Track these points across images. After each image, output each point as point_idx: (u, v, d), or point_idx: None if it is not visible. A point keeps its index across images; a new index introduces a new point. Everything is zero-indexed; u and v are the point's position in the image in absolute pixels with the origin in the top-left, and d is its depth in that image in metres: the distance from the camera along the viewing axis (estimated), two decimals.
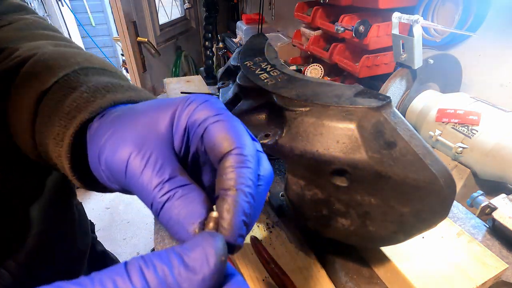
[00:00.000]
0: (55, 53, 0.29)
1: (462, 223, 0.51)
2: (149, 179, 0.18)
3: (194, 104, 0.20)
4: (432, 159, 0.30)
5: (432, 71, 0.66)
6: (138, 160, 0.18)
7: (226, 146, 0.19)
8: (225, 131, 0.19)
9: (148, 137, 0.19)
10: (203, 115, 0.20)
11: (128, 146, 0.19)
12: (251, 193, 0.18)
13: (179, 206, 0.17)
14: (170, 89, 0.94)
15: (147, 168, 0.18)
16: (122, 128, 0.20)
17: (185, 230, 0.17)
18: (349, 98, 0.34)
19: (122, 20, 1.70)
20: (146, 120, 0.20)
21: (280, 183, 0.50)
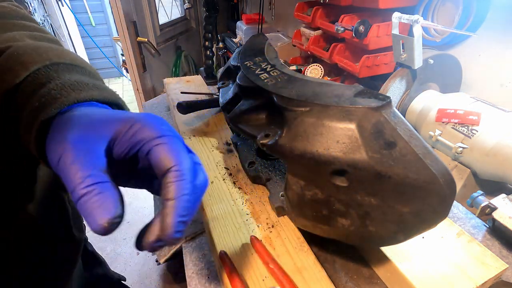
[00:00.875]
0: (29, 47, 0.31)
1: (462, 223, 0.51)
2: (74, 173, 0.22)
3: (138, 124, 0.25)
4: (432, 159, 0.30)
5: (432, 71, 0.66)
6: (69, 156, 0.22)
7: (166, 164, 0.24)
8: (165, 152, 0.24)
9: (87, 140, 0.24)
10: (147, 136, 0.25)
11: (66, 143, 0.23)
12: (187, 200, 0.24)
13: (94, 201, 0.21)
14: (170, 89, 0.94)
15: (75, 163, 0.22)
16: (70, 128, 0.24)
17: (96, 223, 0.21)
18: (349, 98, 0.34)
19: (122, 20, 1.70)
20: (91, 128, 0.25)
21: (280, 183, 0.50)
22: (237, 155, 0.61)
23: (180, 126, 0.74)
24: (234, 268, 0.38)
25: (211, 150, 0.64)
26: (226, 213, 0.48)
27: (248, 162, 0.56)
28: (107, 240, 1.87)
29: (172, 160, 0.24)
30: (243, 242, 0.43)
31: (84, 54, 3.90)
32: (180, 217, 0.23)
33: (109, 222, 0.21)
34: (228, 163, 0.60)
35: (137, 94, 2.02)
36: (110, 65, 4.20)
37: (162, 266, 1.64)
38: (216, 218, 0.47)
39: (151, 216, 1.32)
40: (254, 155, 0.57)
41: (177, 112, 0.75)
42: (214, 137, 0.68)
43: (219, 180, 0.55)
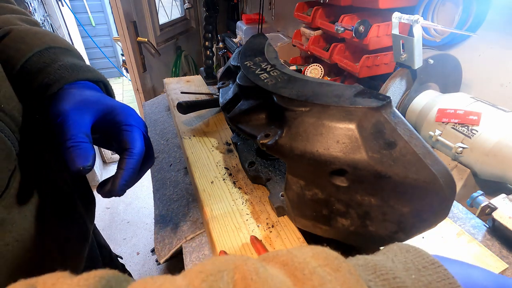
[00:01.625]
0: (29, 31, 0.41)
1: (462, 223, 0.51)
2: (67, 131, 0.33)
3: (117, 111, 0.38)
4: (432, 159, 0.30)
5: (432, 71, 0.66)
6: (67, 119, 0.33)
7: (125, 145, 0.36)
8: (127, 137, 0.36)
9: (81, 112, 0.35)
10: (120, 121, 0.37)
11: (67, 110, 0.34)
12: (131, 171, 0.35)
13: (76, 152, 0.32)
14: (170, 89, 0.94)
15: (70, 125, 0.33)
16: (71, 100, 0.36)
17: (75, 166, 0.31)
18: (349, 98, 0.34)
19: (122, 20, 1.70)
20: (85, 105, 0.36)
21: (280, 183, 0.50)
22: (237, 155, 0.61)
23: (180, 126, 0.74)
24: None
25: (211, 150, 0.64)
26: (226, 213, 0.48)
27: (248, 162, 0.56)
28: (107, 240, 1.87)
29: (130, 143, 0.36)
30: (243, 242, 0.43)
31: (84, 54, 3.90)
32: (124, 181, 0.35)
33: (83, 168, 0.31)
34: (228, 163, 0.60)
35: (137, 94, 2.02)
36: (110, 65, 4.20)
37: (162, 266, 1.64)
38: (216, 218, 0.47)
39: (151, 216, 1.32)
40: (254, 155, 0.57)
41: (177, 112, 0.75)
42: (214, 137, 0.68)
43: (219, 180, 0.55)
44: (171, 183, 0.65)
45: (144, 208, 2.08)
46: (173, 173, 0.68)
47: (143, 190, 2.25)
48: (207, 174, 0.57)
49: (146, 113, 0.99)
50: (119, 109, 0.38)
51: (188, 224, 0.54)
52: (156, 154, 0.76)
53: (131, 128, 0.37)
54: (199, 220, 0.54)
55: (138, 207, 2.10)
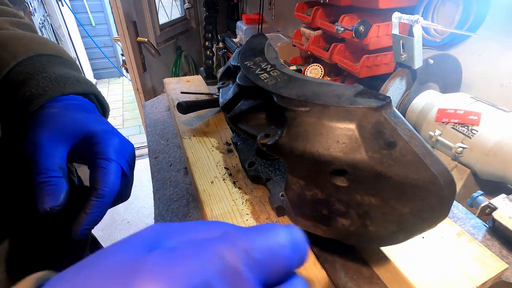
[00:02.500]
0: (15, 36, 0.36)
1: (462, 223, 0.51)
2: (40, 164, 0.29)
3: (96, 139, 0.33)
4: (432, 159, 0.30)
5: (432, 71, 0.66)
6: (39, 150, 0.30)
7: (96, 184, 0.31)
8: (100, 175, 0.32)
9: (56, 141, 0.31)
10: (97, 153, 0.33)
11: (40, 141, 0.30)
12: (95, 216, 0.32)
13: (46, 190, 0.28)
14: (170, 89, 0.94)
15: (42, 157, 0.29)
16: (47, 126, 0.32)
17: (42, 206, 0.28)
18: (349, 98, 0.34)
19: (122, 20, 1.70)
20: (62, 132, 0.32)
21: (280, 183, 0.50)
22: (237, 155, 0.61)
23: (180, 126, 0.74)
24: None
25: (211, 150, 0.64)
26: (226, 213, 0.48)
27: (248, 162, 0.56)
28: (107, 240, 1.87)
29: (101, 183, 0.32)
30: None
31: (84, 54, 3.90)
32: (87, 226, 0.31)
33: (50, 208, 0.28)
34: (228, 163, 0.60)
35: (137, 94, 2.02)
36: (110, 65, 4.20)
37: None
38: (216, 218, 0.47)
39: (151, 216, 1.33)
40: (254, 155, 0.57)
41: (177, 112, 0.75)
42: (214, 137, 0.68)
43: (219, 180, 0.55)
44: (171, 183, 0.65)
45: (144, 208, 2.08)
46: (173, 173, 0.68)
47: (143, 190, 2.25)
48: (207, 174, 0.57)
49: (146, 113, 0.99)
50: (100, 136, 0.33)
51: None
52: (156, 154, 0.76)
53: (107, 163, 0.32)
54: (199, 220, 0.54)
55: (138, 207, 2.10)
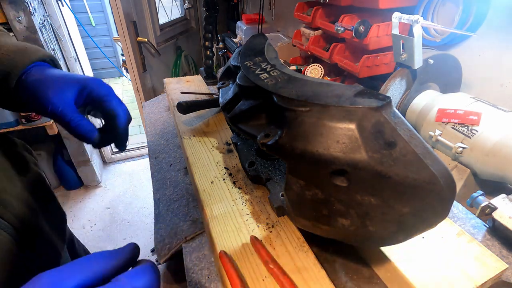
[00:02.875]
0: None
1: (462, 223, 0.51)
2: (65, 115, 0.38)
3: (90, 86, 0.41)
4: (432, 159, 0.30)
5: (432, 71, 0.66)
6: (57, 107, 0.38)
7: (113, 113, 0.41)
8: (111, 105, 0.41)
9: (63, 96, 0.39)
10: (100, 94, 0.41)
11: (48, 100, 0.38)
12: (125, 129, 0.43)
13: (84, 128, 0.38)
14: (170, 89, 0.94)
15: (63, 110, 0.38)
16: (50, 88, 0.39)
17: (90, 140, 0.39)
18: (349, 98, 0.34)
19: (122, 20, 1.70)
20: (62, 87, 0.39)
21: (280, 183, 0.50)
22: (237, 155, 0.61)
23: (180, 126, 0.74)
24: (234, 268, 0.38)
25: (211, 150, 0.64)
26: (226, 213, 0.48)
27: (248, 162, 0.56)
28: (107, 240, 1.87)
29: (116, 111, 0.42)
30: (243, 242, 0.43)
31: (84, 54, 3.89)
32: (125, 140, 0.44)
33: (94, 139, 0.39)
34: (228, 163, 0.60)
35: (137, 94, 2.02)
36: (110, 65, 4.19)
37: (162, 266, 1.64)
38: (216, 218, 0.47)
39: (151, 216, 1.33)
40: (254, 155, 0.57)
41: (177, 112, 0.75)
42: (214, 137, 0.68)
43: (219, 180, 0.55)
44: (171, 183, 0.65)
45: (144, 208, 2.08)
46: (173, 173, 0.68)
47: (143, 190, 2.25)
48: (207, 174, 0.57)
49: (146, 113, 0.99)
50: (90, 84, 0.41)
51: (188, 224, 0.54)
52: (156, 154, 0.76)
53: (110, 98, 0.42)
54: (199, 220, 0.54)
55: (138, 207, 2.10)
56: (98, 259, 0.26)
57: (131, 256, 0.28)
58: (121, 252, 0.27)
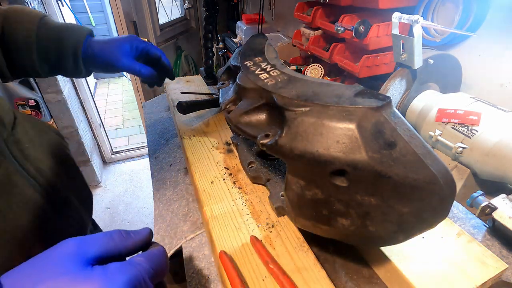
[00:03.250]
0: (16, 8, 0.53)
1: (462, 223, 0.51)
2: (135, 68, 0.58)
3: (148, 46, 0.61)
4: (432, 159, 0.30)
5: (432, 71, 0.66)
6: (126, 63, 0.57)
7: (165, 63, 0.64)
8: (155, 51, 0.62)
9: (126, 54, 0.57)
10: (157, 52, 0.62)
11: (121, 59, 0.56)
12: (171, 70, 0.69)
13: (145, 71, 0.59)
14: (170, 89, 0.94)
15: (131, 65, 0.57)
16: (111, 48, 0.56)
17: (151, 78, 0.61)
18: (349, 98, 0.34)
19: (122, 20, 1.70)
20: (122, 46, 0.57)
21: (280, 183, 0.50)
22: (237, 155, 0.61)
23: (180, 126, 0.74)
24: (234, 268, 0.38)
25: (211, 150, 0.64)
26: (226, 213, 0.48)
27: (248, 162, 0.56)
28: None
29: (166, 62, 0.64)
30: (243, 242, 0.43)
31: None
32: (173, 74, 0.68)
33: (155, 76, 0.60)
34: (228, 163, 0.60)
35: (137, 94, 2.02)
36: None
37: None
38: (216, 218, 0.47)
39: (151, 216, 1.34)
40: (254, 155, 0.57)
41: (177, 112, 0.75)
42: (214, 137, 0.68)
43: (219, 180, 0.55)
44: (171, 183, 0.65)
45: (144, 208, 2.08)
46: (173, 173, 0.68)
47: (143, 190, 2.25)
48: (207, 174, 0.57)
49: (146, 113, 0.98)
50: (134, 40, 0.60)
51: (188, 224, 0.54)
52: (156, 154, 0.76)
53: (150, 46, 0.61)
54: (199, 220, 0.54)
55: (138, 207, 2.10)
56: (118, 236, 0.29)
57: (146, 240, 0.31)
58: (137, 234, 0.30)
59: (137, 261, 0.27)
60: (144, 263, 0.27)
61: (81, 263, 0.25)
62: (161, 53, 0.62)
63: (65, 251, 0.26)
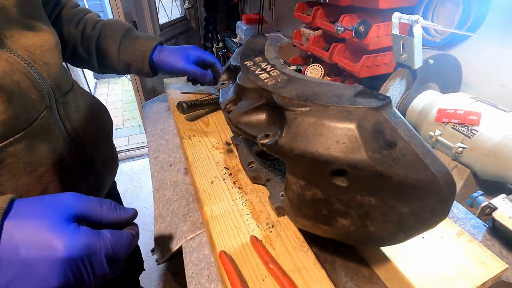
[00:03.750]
0: (111, 21, 0.74)
1: (462, 223, 0.51)
2: (191, 69, 0.76)
3: (204, 54, 0.80)
4: (432, 159, 0.30)
5: (432, 71, 0.66)
6: (186, 65, 0.76)
7: (217, 68, 0.82)
8: (211, 59, 0.81)
9: (185, 59, 0.76)
10: (211, 59, 0.81)
11: (181, 63, 0.75)
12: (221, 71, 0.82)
13: (204, 74, 0.78)
14: (170, 89, 0.94)
15: (187, 65, 0.76)
16: (176, 56, 0.76)
17: (209, 79, 0.80)
18: (349, 98, 0.34)
19: (122, 20, 1.69)
20: (183, 54, 0.76)
21: (280, 183, 0.50)
22: (237, 155, 0.61)
23: (180, 126, 0.74)
24: (234, 268, 0.38)
25: (211, 150, 0.64)
26: (226, 213, 0.48)
27: (248, 162, 0.56)
28: None
29: (214, 61, 0.81)
30: (243, 242, 0.43)
31: None
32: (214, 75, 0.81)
33: (211, 78, 0.79)
34: (228, 163, 0.60)
35: (137, 94, 2.02)
36: None
37: (162, 266, 1.64)
38: (216, 218, 0.47)
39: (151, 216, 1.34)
40: (254, 155, 0.57)
41: (177, 112, 0.75)
42: (214, 137, 0.68)
43: (219, 180, 0.55)
44: (171, 183, 0.65)
45: (144, 208, 2.08)
46: (173, 173, 0.68)
47: (143, 190, 2.25)
48: (207, 174, 0.57)
49: (146, 113, 0.98)
50: (192, 49, 0.78)
51: (188, 224, 0.54)
52: (156, 154, 0.76)
53: (206, 55, 0.79)
54: (199, 220, 0.54)
55: (138, 207, 2.10)
56: (106, 207, 0.35)
57: (128, 218, 0.37)
58: (123, 212, 0.36)
59: (103, 235, 0.32)
60: (108, 240, 0.32)
61: (63, 217, 0.31)
62: (216, 60, 0.80)
63: (59, 202, 0.32)
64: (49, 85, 0.49)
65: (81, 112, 0.58)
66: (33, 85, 0.45)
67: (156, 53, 0.74)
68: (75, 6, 0.72)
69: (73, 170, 0.54)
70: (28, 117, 0.44)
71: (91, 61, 0.73)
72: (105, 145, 0.66)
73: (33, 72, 0.45)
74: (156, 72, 0.78)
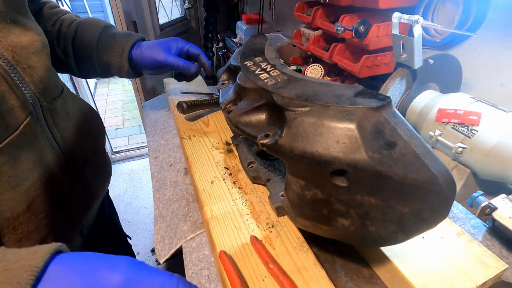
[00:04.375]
0: (88, 19, 0.69)
1: (462, 223, 0.51)
2: (180, 63, 0.70)
3: (187, 45, 0.75)
4: (432, 159, 0.30)
5: (432, 71, 0.66)
6: (172, 60, 0.70)
7: (203, 60, 0.76)
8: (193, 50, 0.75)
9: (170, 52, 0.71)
10: (195, 51, 0.75)
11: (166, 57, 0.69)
12: (210, 65, 0.79)
13: (187, 65, 0.71)
14: (170, 89, 0.94)
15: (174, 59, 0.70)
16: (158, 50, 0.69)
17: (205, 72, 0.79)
18: (349, 98, 0.34)
19: (122, 20, 1.70)
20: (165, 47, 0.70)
21: (280, 183, 0.50)
22: (237, 155, 0.61)
23: (180, 126, 0.74)
24: (234, 268, 0.38)
25: (211, 150, 0.64)
26: (226, 213, 0.48)
27: (248, 162, 0.56)
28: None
29: (205, 59, 0.76)
30: (243, 242, 0.43)
31: None
32: (212, 69, 0.76)
33: (195, 69, 0.72)
34: (228, 163, 0.60)
35: (137, 94, 2.02)
36: None
37: (162, 266, 1.63)
38: (216, 218, 0.47)
39: (151, 216, 1.35)
40: (254, 155, 0.57)
41: (177, 112, 0.75)
42: (214, 137, 0.68)
43: (219, 180, 0.55)
44: (171, 183, 0.65)
45: (144, 208, 2.08)
46: (173, 173, 0.68)
47: (143, 190, 2.25)
48: (207, 174, 0.57)
49: (146, 113, 0.98)
50: (174, 40, 0.72)
51: (188, 224, 0.54)
52: (156, 154, 0.76)
53: (189, 45, 0.74)
54: (199, 220, 0.54)
55: (138, 207, 2.10)
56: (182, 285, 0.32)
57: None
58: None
59: None
60: None
61: None
62: (200, 51, 0.74)
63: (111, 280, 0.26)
64: (32, 90, 0.45)
65: (71, 120, 0.54)
66: (12, 90, 0.41)
67: (135, 49, 0.69)
68: (54, 7, 0.69)
69: (62, 183, 0.51)
70: (6, 125, 0.40)
71: (69, 63, 0.67)
72: (97, 155, 0.63)
73: (14, 75, 0.42)
74: (138, 72, 0.73)
